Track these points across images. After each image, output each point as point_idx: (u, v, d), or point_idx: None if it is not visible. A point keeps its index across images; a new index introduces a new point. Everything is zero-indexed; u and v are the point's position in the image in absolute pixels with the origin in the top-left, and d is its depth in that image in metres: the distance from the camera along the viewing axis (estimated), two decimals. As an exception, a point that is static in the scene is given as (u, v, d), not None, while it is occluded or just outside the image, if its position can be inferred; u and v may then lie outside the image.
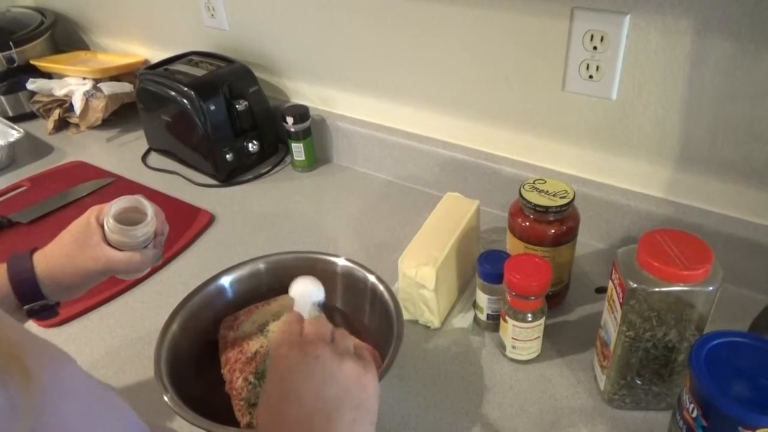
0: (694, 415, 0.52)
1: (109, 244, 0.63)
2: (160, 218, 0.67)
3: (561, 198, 0.73)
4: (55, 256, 0.62)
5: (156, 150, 1.27)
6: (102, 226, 0.63)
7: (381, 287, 0.72)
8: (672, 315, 0.59)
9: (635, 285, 0.58)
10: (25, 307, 0.61)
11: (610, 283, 0.63)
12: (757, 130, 0.73)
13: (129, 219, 0.64)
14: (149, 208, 0.65)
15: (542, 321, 0.71)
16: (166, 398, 0.60)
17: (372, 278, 0.73)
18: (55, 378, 0.30)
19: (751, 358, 0.51)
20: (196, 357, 0.70)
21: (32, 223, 1.05)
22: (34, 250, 0.64)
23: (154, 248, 0.67)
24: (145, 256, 0.65)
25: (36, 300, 0.61)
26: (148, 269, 0.70)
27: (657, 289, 0.57)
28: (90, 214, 0.64)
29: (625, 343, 0.62)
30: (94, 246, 0.62)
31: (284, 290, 0.73)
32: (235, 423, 0.63)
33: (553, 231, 0.73)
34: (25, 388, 0.27)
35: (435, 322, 0.78)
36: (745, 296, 0.77)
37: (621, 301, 0.60)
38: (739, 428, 0.48)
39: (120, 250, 0.63)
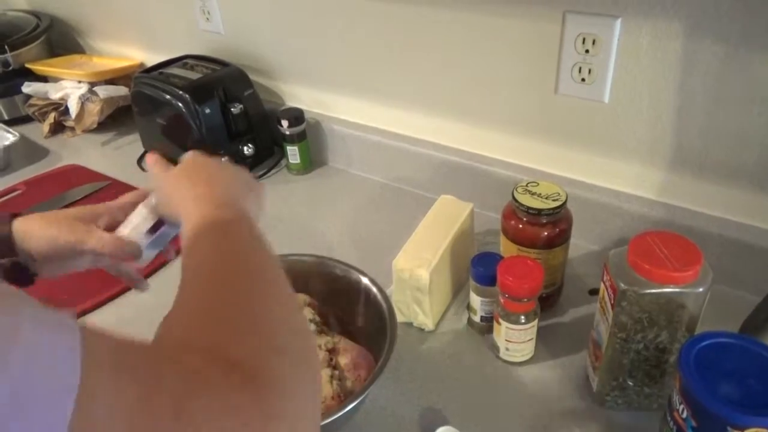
0: (684, 415, 0.52)
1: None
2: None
3: (553, 201, 0.73)
4: (36, 218, 0.60)
5: (151, 153, 1.27)
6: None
7: (374, 289, 0.73)
8: (663, 316, 0.59)
9: (626, 286, 0.58)
10: None
11: (602, 285, 0.64)
12: (747, 132, 0.74)
13: None
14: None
15: (535, 323, 0.71)
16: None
17: (365, 280, 0.74)
18: None
19: (740, 359, 0.52)
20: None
21: (27, 227, 1.05)
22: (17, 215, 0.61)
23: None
24: (130, 247, 0.61)
25: (4, 256, 0.58)
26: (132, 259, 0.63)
27: (647, 291, 0.58)
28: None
29: (617, 344, 0.62)
30: (83, 221, 0.61)
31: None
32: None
33: (545, 233, 0.74)
34: None
35: (429, 324, 0.78)
36: (737, 297, 0.77)
37: (612, 302, 0.60)
38: (728, 428, 0.49)
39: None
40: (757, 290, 0.70)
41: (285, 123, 1.12)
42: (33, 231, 0.59)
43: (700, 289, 0.57)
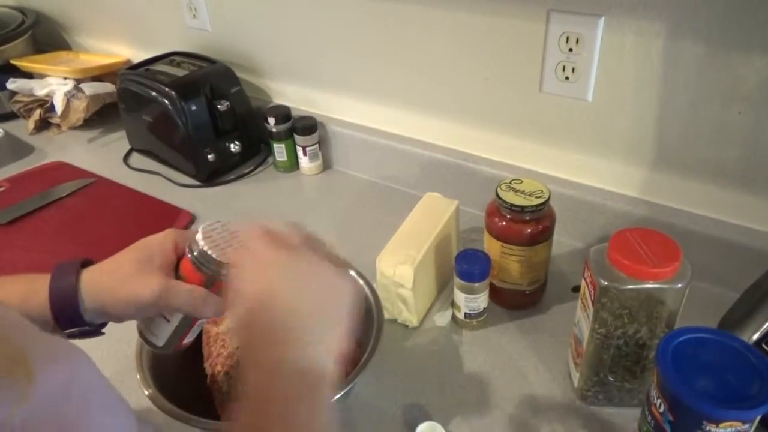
0: (662, 410, 0.53)
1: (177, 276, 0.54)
2: None
3: (537, 198, 0.73)
4: (107, 277, 0.53)
5: (137, 150, 1.27)
6: (176, 253, 0.54)
7: (360, 281, 0.73)
8: (643, 312, 0.60)
9: (606, 283, 0.59)
10: (65, 331, 0.52)
11: (583, 282, 0.64)
12: (728, 131, 0.75)
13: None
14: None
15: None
16: (146, 393, 0.60)
17: (351, 273, 0.74)
18: (62, 377, 0.33)
19: (716, 354, 0.53)
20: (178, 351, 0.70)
21: (11, 224, 1.05)
22: (86, 263, 0.54)
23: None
24: (209, 298, 0.53)
25: (75, 325, 0.52)
26: (206, 320, 0.58)
27: (627, 287, 0.58)
28: (166, 235, 0.55)
29: (597, 340, 0.63)
30: (155, 269, 0.52)
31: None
32: (215, 416, 0.63)
33: (529, 230, 0.74)
34: (25, 392, 0.30)
35: (413, 320, 0.79)
36: (718, 294, 0.77)
37: (593, 299, 0.61)
38: (704, 422, 0.49)
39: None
40: (738, 287, 0.71)
41: (272, 120, 1.12)
42: (113, 292, 0.52)
43: (679, 285, 0.58)
